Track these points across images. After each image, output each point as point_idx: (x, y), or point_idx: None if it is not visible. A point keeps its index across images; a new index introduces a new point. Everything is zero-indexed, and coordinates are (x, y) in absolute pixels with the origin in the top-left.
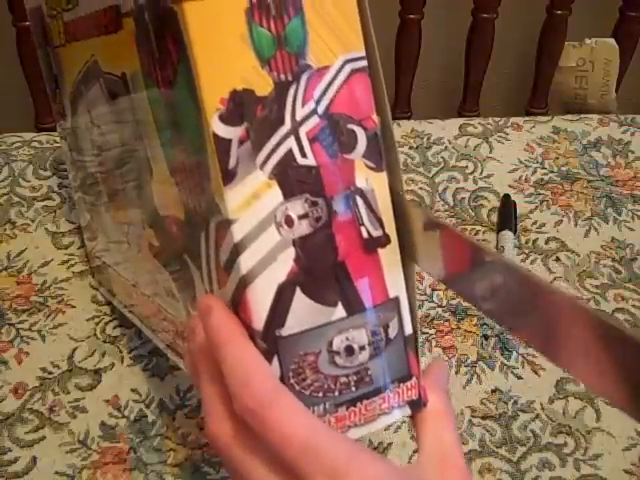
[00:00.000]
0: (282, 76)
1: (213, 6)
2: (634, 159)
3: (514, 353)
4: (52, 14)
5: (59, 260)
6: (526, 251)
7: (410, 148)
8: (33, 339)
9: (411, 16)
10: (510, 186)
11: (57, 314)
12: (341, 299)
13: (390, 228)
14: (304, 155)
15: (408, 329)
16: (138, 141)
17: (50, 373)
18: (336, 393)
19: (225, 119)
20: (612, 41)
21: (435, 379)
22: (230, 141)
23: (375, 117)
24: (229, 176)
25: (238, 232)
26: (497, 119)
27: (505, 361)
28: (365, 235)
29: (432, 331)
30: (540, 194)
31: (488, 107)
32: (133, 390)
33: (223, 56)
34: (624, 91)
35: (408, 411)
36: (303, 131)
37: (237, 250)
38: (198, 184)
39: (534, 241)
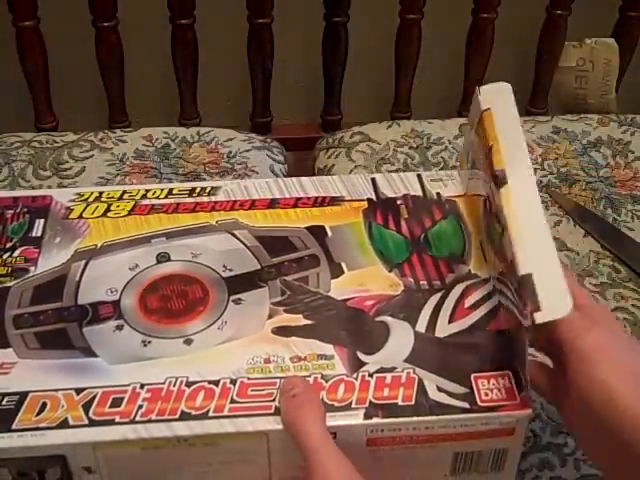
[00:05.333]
0: None
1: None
2: (634, 159)
3: None
4: (108, 200)
5: None
6: None
7: (410, 148)
8: None
9: (411, 16)
10: None
11: None
12: None
13: None
14: None
15: None
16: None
17: None
18: None
19: None
20: (612, 41)
21: None
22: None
23: None
24: None
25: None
26: None
27: None
28: None
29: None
30: (539, 196)
31: None
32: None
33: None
34: (624, 91)
35: None
36: None
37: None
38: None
39: None
